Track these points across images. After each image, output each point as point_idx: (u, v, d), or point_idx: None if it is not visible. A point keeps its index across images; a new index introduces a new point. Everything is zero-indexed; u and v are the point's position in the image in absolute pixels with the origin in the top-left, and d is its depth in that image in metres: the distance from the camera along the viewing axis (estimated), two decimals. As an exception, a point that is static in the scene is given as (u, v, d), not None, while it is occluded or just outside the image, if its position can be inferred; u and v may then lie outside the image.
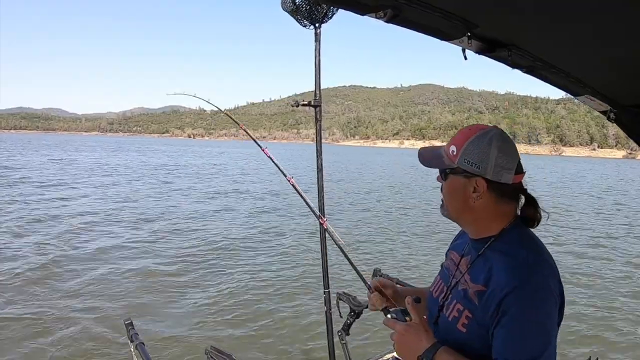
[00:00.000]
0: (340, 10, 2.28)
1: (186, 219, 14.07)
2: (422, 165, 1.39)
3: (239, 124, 3.34)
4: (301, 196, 2.69)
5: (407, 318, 1.35)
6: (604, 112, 1.83)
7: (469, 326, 1.23)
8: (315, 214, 2.65)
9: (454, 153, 1.29)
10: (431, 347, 1.23)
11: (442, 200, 1.38)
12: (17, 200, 15.97)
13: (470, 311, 1.24)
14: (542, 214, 1.31)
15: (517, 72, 1.47)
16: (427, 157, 1.39)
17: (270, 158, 2.88)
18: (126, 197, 18.37)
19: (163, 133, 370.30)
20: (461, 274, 1.34)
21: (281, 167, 2.85)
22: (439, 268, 1.56)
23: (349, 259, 2.50)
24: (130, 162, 43.84)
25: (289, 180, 2.79)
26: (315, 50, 2.42)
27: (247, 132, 3.24)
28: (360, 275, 2.36)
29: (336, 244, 2.58)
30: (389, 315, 1.42)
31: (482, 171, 1.25)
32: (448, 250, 1.56)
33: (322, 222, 2.65)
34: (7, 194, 17.33)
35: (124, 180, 25.67)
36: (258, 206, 17.23)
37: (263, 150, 2.94)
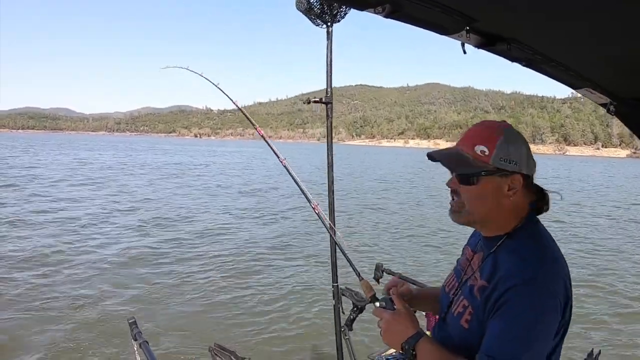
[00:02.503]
0: (353, 11, 2.32)
1: (189, 218, 14.10)
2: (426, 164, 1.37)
3: (254, 124, 3.14)
4: (294, 179, 2.71)
5: (395, 307, 1.40)
6: (603, 105, 1.83)
7: (471, 322, 1.23)
8: (307, 198, 2.66)
9: (486, 153, 1.23)
10: (414, 335, 1.27)
11: (458, 205, 1.31)
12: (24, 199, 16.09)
13: (473, 307, 1.24)
14: (555, 200, 1.31)
15: (524, 70, 1.47)
16: (450, 162, 1.30)
17: (264, 138, 2.94)
18: (138, 197, 18.45)
19: (170, 132, 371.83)
20: (472, 271, 1.34)
21: (275, 149, 2.89)
22: (447, 264, 1.57)
23: (339, 245, 2.54)
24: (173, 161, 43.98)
25: (281, 162, 2.81)
26: (327, 48, 2.45)
27: (263, 137, 3.10)
28: (350, 262, 2.42)
29: (326, 229, 2.60)
30: (377, 304, 1.47)
31: (519, 167, 1.24)
32: (464, 247, 1.55)
33: (313, 206, 2.67)
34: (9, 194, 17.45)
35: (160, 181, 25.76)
36: (265, 203, 17.23)
37: (281, 161, 2.91)
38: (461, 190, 1.28)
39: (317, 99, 2.52)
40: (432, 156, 1.32)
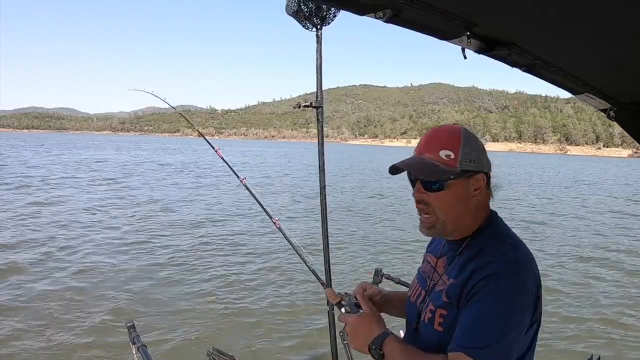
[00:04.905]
0: (341, 12, 2.33)
1: (191, 218, 14.15)
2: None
3: (193, 125, 3.77)
4: (254, 197, 3.06)
5: (360, 310, 1.40)
6: (604, 110, 1.83)
7: (445, 324, 1.21)
8: (268, 215, 2.95)
9: (452, 157, 1.24)
10: (380, 335, 1.25)
11: (430, 220, 1.28)
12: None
13: (445, 309, 1.22)
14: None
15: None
16: (426, 171, 1.26)
17: (223, 159, 3.18)
18: (142, 200, 18.49)
19: (174, 132, 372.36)
20: (439, 276, 1.31)
21: (234, 169, 3.15)
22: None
23: (301, 256, 2.77)
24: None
25: (241, 182, 3.11)
26: (317, 52, 2.45)
27: (201, 134, 3.69)
28: (314, 273, 2.65)
29: (289, 243, 2.85)
30: (342, 310, 1.47)
31: (480, 166, 1.26)
32: (425, 254, 1.53)
33: (274, 221, 2.94)
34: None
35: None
36: (254, 207, 17.11)
37: (216, 151, 3.26)
38: (431, 199, 1.26)
39: (308, 104, 2.53)
40: (397, 167, 1.31)
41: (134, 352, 1.81)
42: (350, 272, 8.72)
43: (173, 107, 3.81)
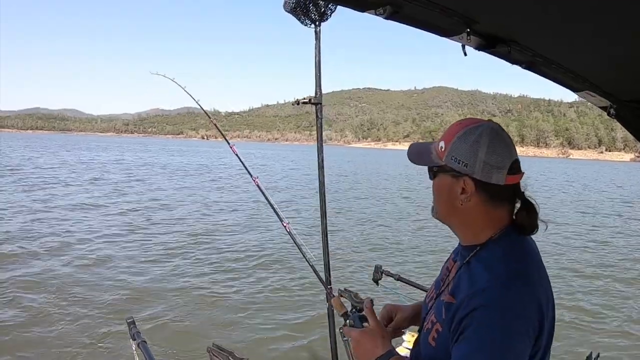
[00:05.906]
0: (343, 11, 2.33)
1: (192, 218, 14.18)
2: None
3: (210, 117, 3.64)
4: (266, 198, 3.05)
5: (365, 324, 1.36)
6: (604, 108, 1.83)
7: (438, 340, 1.14)
8: (279, 217, 2.97)
9: (442, 149, 1.17)
10: (383, 355, 1.20)
11: (433, 200, 1.25)
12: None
13: (441, 324, 1.14)
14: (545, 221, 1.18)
15: (532, 74, 1.47)
16: (414, 152, 1.28)
17: (238, 157, 3.22)
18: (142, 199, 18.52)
19: (177, 134, 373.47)
20: (449, 282, 1.21)
21: (248, 168, 3.19)
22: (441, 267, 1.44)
23: (310, 264, 2.77)
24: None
25: (254, 181, 3.13)
26: (315, 48, 2.45)
27: (217, 128, 3.64)
28: (321, 280, 2.60)
29: (298, 248, 2.86)
30: (347, 322, 1.44)
31: (469, 170, 1.12)
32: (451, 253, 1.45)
33: (285, 225, 2.97)
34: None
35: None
36: (254, 206, 17.12)
37: (231, 147, 3.31)
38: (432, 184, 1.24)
39: (306, 100, 2.52)
40: (409, 148, 1.33)
41: (134, 347, 1.82)
42: (351, 269, 8.73)
43: (194, 98, 3.85)
